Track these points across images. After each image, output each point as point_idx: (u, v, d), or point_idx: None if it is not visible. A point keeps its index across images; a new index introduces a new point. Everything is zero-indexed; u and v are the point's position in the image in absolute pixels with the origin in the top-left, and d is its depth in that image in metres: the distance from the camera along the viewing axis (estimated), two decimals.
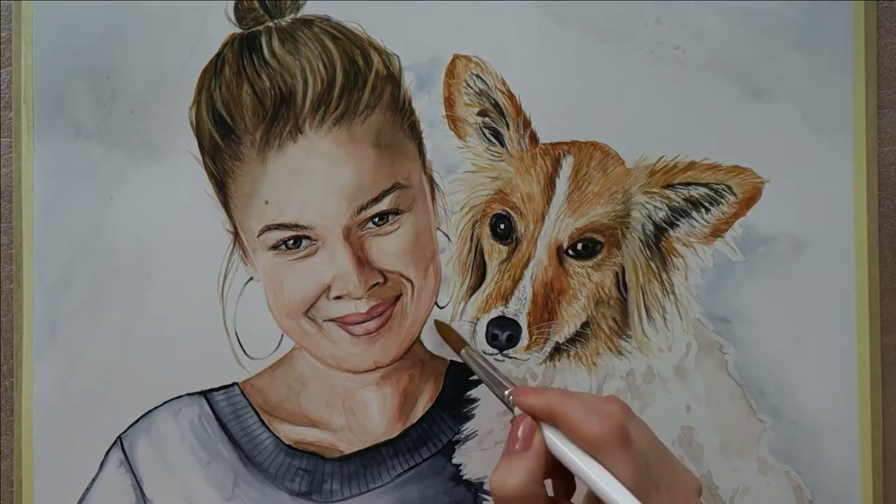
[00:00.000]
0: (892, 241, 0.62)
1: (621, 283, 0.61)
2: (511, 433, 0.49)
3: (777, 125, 0.61)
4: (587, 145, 0.61)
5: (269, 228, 0.61)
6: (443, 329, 0.61)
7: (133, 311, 0.63)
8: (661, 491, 0.46)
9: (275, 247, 0.62)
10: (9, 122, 0.64)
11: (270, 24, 0.62)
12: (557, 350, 0.61)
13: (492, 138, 0.62)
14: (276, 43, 0.61)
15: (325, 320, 0.62)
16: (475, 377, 0.62)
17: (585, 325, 0.61)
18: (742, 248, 0.61)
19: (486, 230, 0.62)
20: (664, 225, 0.61)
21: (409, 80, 0.62)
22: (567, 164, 0.61)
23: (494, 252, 0.62)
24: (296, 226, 0.61)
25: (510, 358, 0.61)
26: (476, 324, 0.61)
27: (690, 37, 0.62)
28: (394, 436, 0.63)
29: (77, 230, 0.64)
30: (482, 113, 0.62)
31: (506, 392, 0.53)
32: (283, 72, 0.61)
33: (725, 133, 0.61)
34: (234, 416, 0.64)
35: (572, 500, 0.51)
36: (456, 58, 0.62)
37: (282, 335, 0.63)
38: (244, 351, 0.63)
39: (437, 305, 0.63)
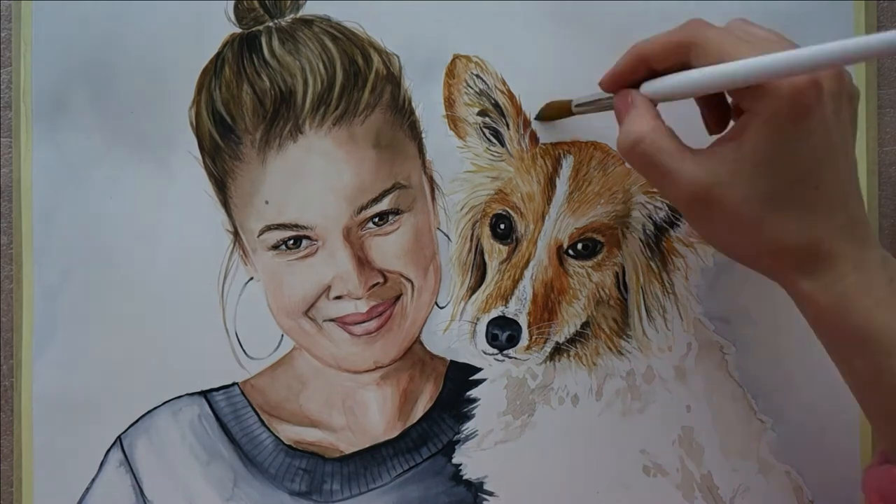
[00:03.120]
0: (892, 241, 0.62)
1: (621, 283, 0.61)
2: (616, 113, 0.51)
3: None
4: (587, 145, 0.61)
5: (269, 228, 0.61)
6: (545, 114, 0.61)
7: (133, 310, 0.63)
8: None
9: (275, 247, 0.62)
10: (8, 122, 0.64)
11: (270, 23, 0.62)
12: (558, 350, 0.61)
13: (492, 138, 0.62)
14: (276, 43, 0.61)
15: (325, 320, 0.62)
16: (475, 377, 0.62)
17: (586, 325, 0.61)
18: None
19: (486, 230, 0.62)
20: (665, 225, 0.61)
21: (409, 80, 0.62)
22: (567, 164, 0.61)
23: (494, 252, 0.62)
24: (296, 226, 0.61)
25: (510, 358, 0.61)
26: (476, 324, 0.61)
27: None
28: (394, 436, 0.63)
29: (77, 230, 0.63)
30: (482, 113, 0.62)
31: (605, 98, 0.54)
32: (283, 72, 0.61)
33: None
34: (234, 416, 0.64)
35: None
36: (456, 58, 0.62)
37: (282, 335, 0.63)
38: (244, 351, 0.63)
39: (437, 305, 0.63)
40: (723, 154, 0.46)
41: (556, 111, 0.61)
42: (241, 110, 0.61)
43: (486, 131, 0.62)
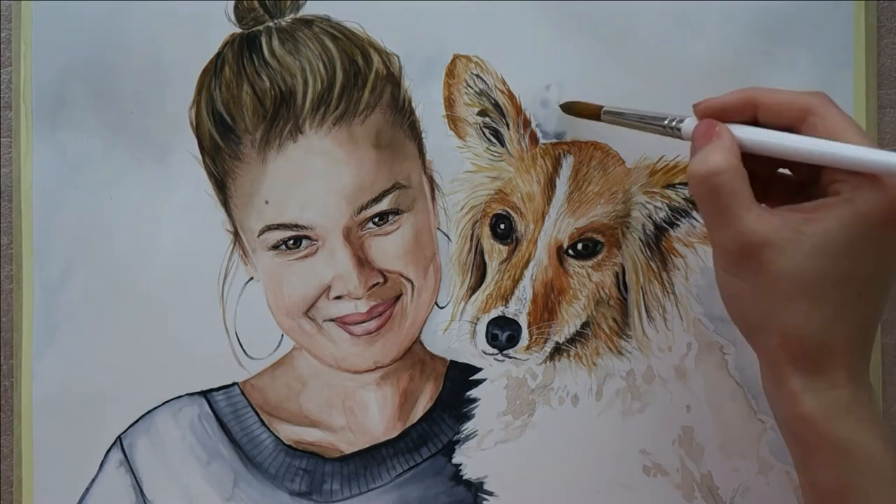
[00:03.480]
0: None
1: (621, 283, 0.61)
2: (694, 138, 0.49)
3: None
4: (587, 145, 0.61)
5: (269, 228, 0.61)
6: (572, 109, 0.60)
7: (133, 311, 0.63)
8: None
9: (275, 247, 0.62)
10: (8, 122, 0.64)
11: (270, 23, 0.62)
12: (558, 350, 0.61)
13: (492, 138, 0.62)
14: (276, 43, 0.61)
15: (325, 320, 0.62)
16: (475, 377, 0.62)
17: (586, 325, 0.61)
18: None
19: (486, 230, 0.62)
20: (664, 225, 0.61)
21: (408, 80, 0.62)
22: (567, 164, 0.61)
23: (494, 252, 0.62)
24: (296, 226, 0.61)
25: (510, 358, 0.61)
26: (476, 324, 0.61)
27: (690, 37, 0.62)
28: (394, 436, 0.63)
29: (77, 230, 0.64)
30: (482, 113, 0.62)
31: (665, 121, 0.51)
32: (283, 72, 0.61)
33: None
34: (234, 416, 0.64)
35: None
36: (456, 57, 0.62)
37: (282, 335, 0.63)
38: (244, 351, 0.63)
39: (437, 305, 0.63)
40: (790, 221, 0.44)
41: (582, 110, 0.60)
42: (241, 110, 0.61)
43: (486, 131, 0.62)
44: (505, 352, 0.60)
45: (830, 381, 0.45)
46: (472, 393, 0.63)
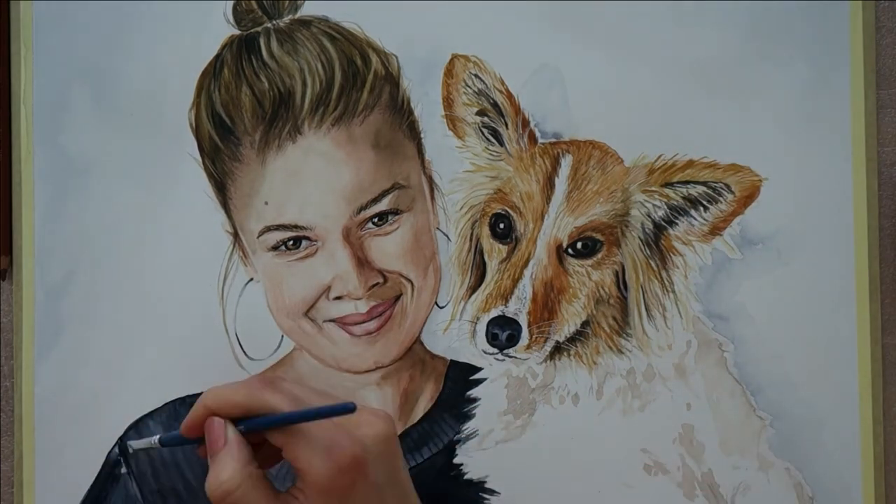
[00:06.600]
0: (892, 241, 0.62)
1: (621, 282, 0.61)
2: (207, 439, 0.49)
3: (775, 123, 0.61)
4: (586, 144, 0.62)
5: (268, 229, 0.61)
6: None
7: (133, 312, 0.64)
8: None
9: (274, 248, 0.62)
10: (9, 123, 0.64)
11: (269, 25, 0.62)
12: (558, 349, 0.61)
13: (491, 138, 0.62)
14: (274, 44, 0.61)
15: (325, 321, 0.62)
16: (475, 376, 0.63)
17: (586, 323, 0.61)
18: (740, 246, 0.61)
19: (486, 229, 0.62)
20: (663, 223, 0.61)
21: (407, 80, 0.62)
22: (566, 163, 0.61)
23: (494, 251, 0.62)
24: (295, 226, 0.61)
25: (510, 357, 0.61)
26: (476, 323, 0.61)
27: (689, 36, 0.62)
28: None
29: (77, 231, 0.64)
30: (481, 112, 0.62)
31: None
32: (282, 73, 0.61)
33: (724, 131, 0.61)
34: None
35: None
36: (454, 57, 0.62)
37: (282, 336, 0.64)
38: (244, 352, 0.63)
39: (437, 305, 0.63)
40: None
41: None
42: (240, 112, 0.61)
43: (485, 131, 0.62)
44: (505, 351, 0.60)
45: None
46: (473, 392, 0.63)
